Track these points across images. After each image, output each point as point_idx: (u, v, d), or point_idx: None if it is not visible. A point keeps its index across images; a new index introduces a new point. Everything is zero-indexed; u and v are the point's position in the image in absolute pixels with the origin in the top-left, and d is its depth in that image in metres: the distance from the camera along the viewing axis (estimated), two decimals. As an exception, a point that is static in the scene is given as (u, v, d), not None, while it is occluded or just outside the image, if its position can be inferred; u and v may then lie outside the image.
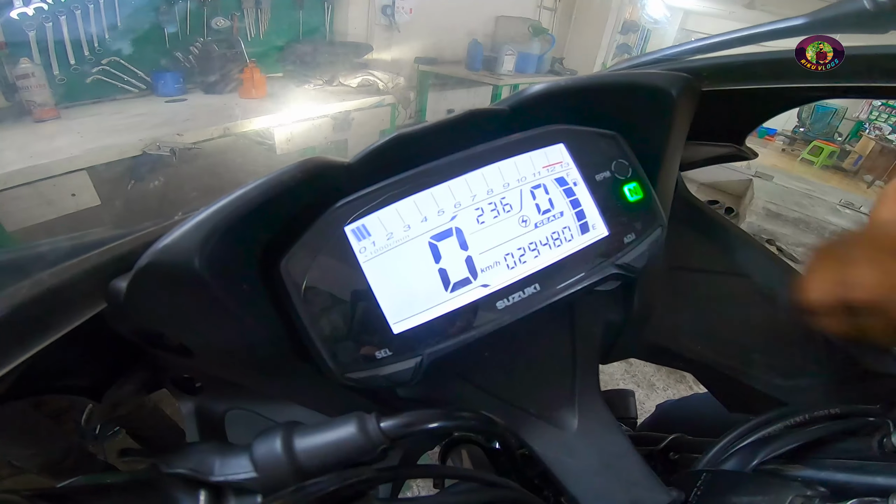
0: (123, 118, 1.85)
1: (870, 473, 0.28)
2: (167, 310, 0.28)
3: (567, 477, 0.35)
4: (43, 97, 1.67)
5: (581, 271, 0.34)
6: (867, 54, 0.37)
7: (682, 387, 2.01)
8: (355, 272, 0.30)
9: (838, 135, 6.64)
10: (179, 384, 0.41)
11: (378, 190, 0.31)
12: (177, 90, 2.12)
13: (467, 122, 0.36)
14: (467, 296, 0.32)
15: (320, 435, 0.25)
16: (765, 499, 0.28)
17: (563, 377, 0.40)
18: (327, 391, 0.37)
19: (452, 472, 0.39)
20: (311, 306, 0.29)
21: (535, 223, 0.34)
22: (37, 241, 0.33)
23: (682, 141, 0.41)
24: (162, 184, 1.66)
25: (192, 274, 0.25)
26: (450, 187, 0.32)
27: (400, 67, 2.98)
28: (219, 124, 1.85)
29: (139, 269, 0.25)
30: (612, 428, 0.38)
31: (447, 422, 0.28)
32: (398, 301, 0.30)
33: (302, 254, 0.29)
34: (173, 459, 0.25)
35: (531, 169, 0.34)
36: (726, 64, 0.41)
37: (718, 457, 0.35)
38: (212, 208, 0.26)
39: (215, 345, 0.31)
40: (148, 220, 0.34)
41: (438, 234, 0.32)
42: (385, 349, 0.30)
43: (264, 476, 0.24)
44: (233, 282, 0.28)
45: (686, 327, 0.53)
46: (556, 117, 0.37)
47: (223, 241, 0.26)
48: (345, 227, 0.30)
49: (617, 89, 0.39)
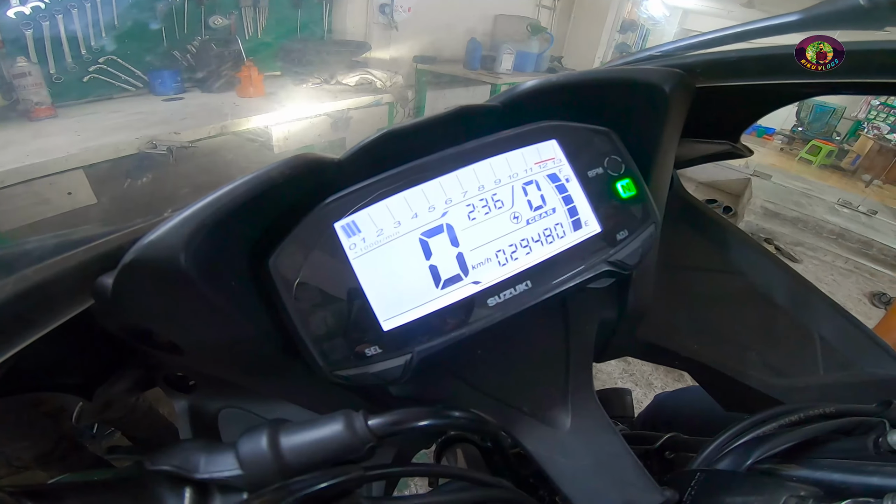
0: (120, 117, 1.84)
1: (865, 473, 0.28)
2: (154, 307, 0.28)
3: (560, 476, 0.35)
4: (39, 96, 1.67)
5: (573, 268, 0.34)
6: (862, 50, 0.37)
7: (680, 385, 2.01)
8: (345, 269, 0.30)
9: (836, 134, 6.66)
10: (172, 382, 0.40)
11: (368, 186, 0.31)
12: (174, 89, 2.12)
13: (459, 119, 0.36)
14: (458, 293, 0.31)
15: (307, 432, 0.25)
16: (759, 499, 0.28)
17: (557, 375, 0.40)
18: (319, 389, 0.37)
19: (443, 470, 0.39)
20: (300, 303, 0.29)
21: (526, 220, 0.34)
22: (22, 239, 0.33)
23: (677, 137, 0.41)
24: (159, 182, 1.66)
25: (179, 270, 0.25)
26: (441, 183, 0.32)
27: (398, 66, 2.97)
28: (216, 123, 1.84)
29: (124, 265, 0.25)
30: (605, 427, 0.37)
31: (437, 420, 0.27)
32: (388, 298, 0.30)
33: (291, 250, 0.29)
34: (159, 457, 0.25)
35: (523, 165, 0.34)
36: (720, 60, 0.41)
37: (713, 456, 0.35)
38: (199, 204, 0.26)
39: (204, 342, 0.31)
40: (143, 217, 0.34)
41: (429, 231, 0.31)
42: (375, 346, 0.30)
43: (250, 473, 0.24)
44: (221, 278, 0.28)
45: (682, 326, 0.53)
46: (548, 113, 0.37)
47: (210, 237, 0.26)
48: (334, 224, 0.30)
49: (610, 85, 0.39)
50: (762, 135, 7.01)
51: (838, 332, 0.52)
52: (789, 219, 3.95)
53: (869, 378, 0.50)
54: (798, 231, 3.88)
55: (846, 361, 0.51)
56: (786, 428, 0.34)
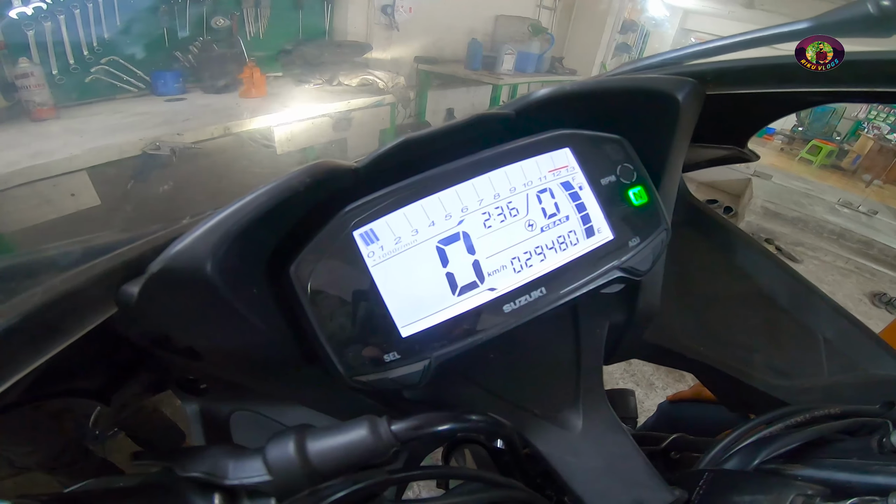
0: (123, 118, 1.84)
1: (869, 473, 0.28)
2: (178, 314, 0.29)
3: (571, 477, 0.35)
4: (42, 97, 1.67)
5: (586, 275, 0.35)
6: (871, 59, 0.37)
7: (682, 386, 2.02)
8: (364, 276, 0.30)
9: (837, 134, 6.67)
10: (184, 386, 0.41)
11: (386, 194, 0.31)
12: (176, 90, 2.12)
13: (473, 127, 0.36)
14: (474, 299, 0.32)
15: (332, 438, 0.25)
16: (767, 498, 0.29)
17: (568, 378, 0.40)
18: (334, 393, 0.37)
19: (460, 472, 0.40)
20: (320, 310, 0.29)
21: (541, 227, 0.34)
22: (46, 246, 0.33)
23: (686, 144, 0.41)
24: (162, 183, 1.66)
25: (204, 279, 0.25)
26: (457, 192, 0.33)
27: (400, 67, 2.98)
28: (218, 124, 1.84)
29: (152, 274, 0.25)
30: (615, 428, 0.38)
31: (457, 424, 0.28)
32: (406, 305, 0.31)
33: (311, 258, 0.29)
34: (187, 463, 0.25)
35: (537, 173, 0.35)
36: (730, 68, 0.41)
37: (720, 456, 0.36)
38: (223, 213, 0.27)
39: (224, 348, 0.31)
40: (148, 219, 0.34)
41: (446, 239, 0.32)
42: (393, 352, 0.30)
43: (278, 479, 0.24)
44: (243, 286, 0.28)
45: (688, 328, 0.53)
46: (561, 121, 0.37)
47: (234, 245, 0.26)
48: (353, 232, 0.30)
49: (622, 94, 0.39)
50: (762, 135, 7.01)
51: (842, 334, 0.53)
52: (790, 219, 3.96)
53: (872, 379, 0.50)
54: (798, 231, 3.89)
55: (850, 363, 0.52)
56: (792, 428, 0.34)
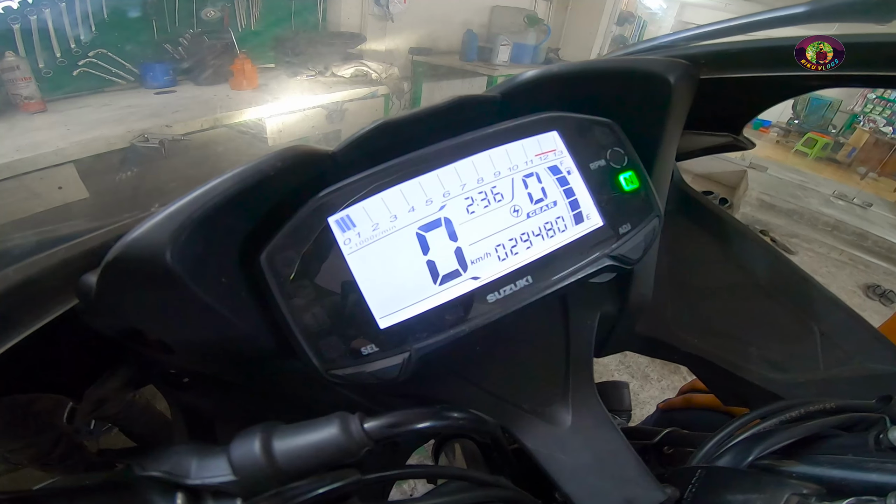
0: (111, 110, 1.81)
1: (866, 470, 0.27)
2: (141, 306, 0.27)
3: (560, 474, 0.34)
4: (29, 90, 1.65)
5: (575, 263, 0.33)
6: (868, 43, 0.36)
7: (677, 378, 2.02)
8: (339, 264, 0.29)
9: (832, 127, 6.68)
10: (167, 380, 0.40)
11: (363, 179, 0.30)
12: (166, 82, 2.09)
13: (457, 110, 0.35)
14: (457, 289, 0.31)
15: (301, 436, 0.24)
16: (762, 496, 0.28)
17: (557, 372, 0.39)
18: (315, 388, 0.36)
19: (440, 471, 0.39)
20: (293, 300, 0.28)
21: (527, 213, 0.33)
22: (5, 236, 0.32)
23: (679, 129, 0.40)
24: (151, 176, 1.64)
25: (165, 268, 0.24)
26: (438, 176, 0.31)
27: (394, 58, 2.94)
28: (209, 115, 1.82)
29: (107, 263, 0.24)
30: (606, 424, 0.37)
31: (435, 422, 0.27)
32: (385, 294, 0.29)
33: (283, 246, 0.28)
34: (149, 462, 0.24)
35: (523, 157, 0.33)
36: (725, 51, 0.40)
37: (713, 452, 0.35)
38: (186, 199, 0.25)
39: (194, 341, 0.30)
40: (135, 211, 0.33)
41: (426, 225, 0.30)
42: (371, 345, 0.29)
43: (243, 479, 0.23)
44: (210, 276, 0.27)
45: (681, 320, 0.52)
46: (549, 105, 0.36)
47: (198, 232, 0.25)
48: (328, 218, 0.29)
49: (613, 76, 0.38)
50: (758, 127, 7.01)
51: (838, 326, 0.52)
52: (785, 210, 3.97)
53: (869, 373, 0.49)
54: (793, 223, 3.90)
55: (846, 356, 0.51)
56: (786, 424, 0.33)
